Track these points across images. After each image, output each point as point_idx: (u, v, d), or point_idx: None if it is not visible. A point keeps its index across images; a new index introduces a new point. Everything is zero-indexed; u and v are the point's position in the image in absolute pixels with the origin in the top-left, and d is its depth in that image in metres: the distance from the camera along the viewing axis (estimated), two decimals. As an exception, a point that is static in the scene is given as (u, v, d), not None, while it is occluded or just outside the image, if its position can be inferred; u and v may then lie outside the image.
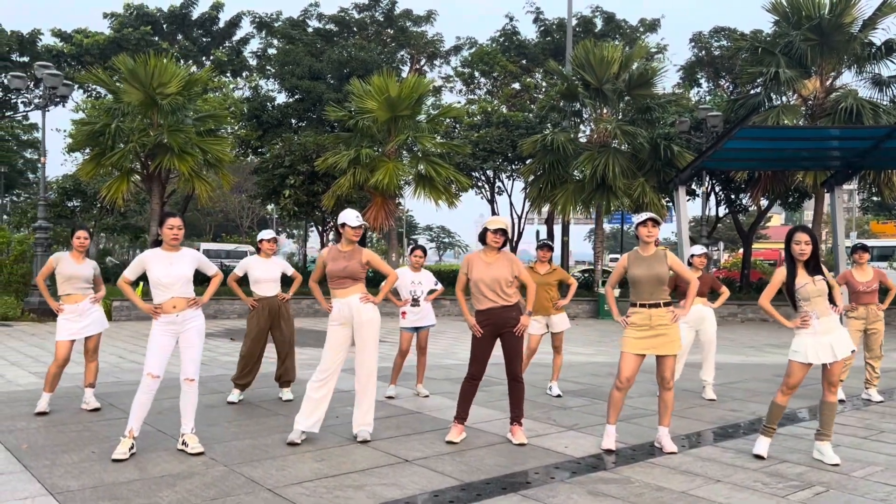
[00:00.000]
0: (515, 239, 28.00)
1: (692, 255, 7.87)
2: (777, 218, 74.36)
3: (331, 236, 26.70)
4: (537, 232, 36.27)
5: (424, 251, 7.75)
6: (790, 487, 4.73)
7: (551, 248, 7.79)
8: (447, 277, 21.14)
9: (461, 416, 5.83)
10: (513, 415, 5.81)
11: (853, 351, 5.33)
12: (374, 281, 17.82)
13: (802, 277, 5.29)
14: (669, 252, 5.67)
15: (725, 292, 7.91)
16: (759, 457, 5.35)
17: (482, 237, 5.88)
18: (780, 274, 5.41)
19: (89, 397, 6.71)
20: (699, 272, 7.80)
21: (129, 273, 5.42)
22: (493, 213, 28.53)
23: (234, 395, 7.21)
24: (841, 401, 7.75)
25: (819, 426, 5.39)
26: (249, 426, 6.21)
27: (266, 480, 4.70)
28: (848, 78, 20.34)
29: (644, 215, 5.57)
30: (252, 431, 6.02)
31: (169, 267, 5.30)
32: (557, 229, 26.96)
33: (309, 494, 4.45)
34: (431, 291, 7.73)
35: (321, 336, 9.67)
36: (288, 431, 5.98)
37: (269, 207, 37.27)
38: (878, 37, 19.42)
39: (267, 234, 7.32)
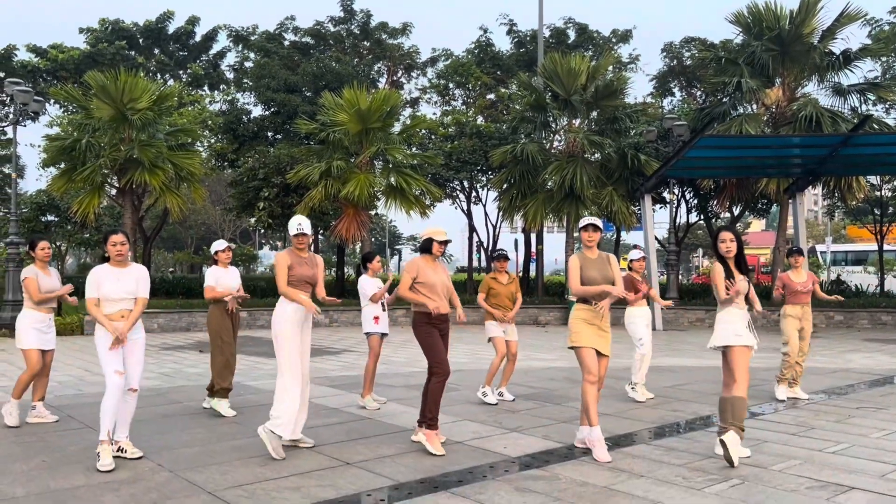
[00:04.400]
0: (490, 248, 28.29)
1: (631, 260, 8.22)
2: (757, 223, 75.17)
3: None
4: (515, 241, 36.62)
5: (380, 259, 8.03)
6: (708, 481, 4.98)
7: (507, 258, 8.09)
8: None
9: (436, 422, 5.86)
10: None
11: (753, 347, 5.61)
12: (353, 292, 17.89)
13: (736, 274, 5.63)
14: (612, 256, 5.98)
15: (641, 292, 8.17)
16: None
17: (428, 247, 6.11)
18: (720, 268, 5.69)
19: (42, 411, 6.84)
20: (639, 275, 8.15)
21: (92, 293, 5.49)
22: (471, 224, 28.85)
23: (225, 405, 7.23)
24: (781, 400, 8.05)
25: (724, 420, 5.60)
26: (200, 434, 6.39)
27: (207, 484, 4.89)
28: (811, 87, 20.82)
29: (585, 220, 5.83)
30: (202, 439, 6.19)
31: (117, 282, 5.49)
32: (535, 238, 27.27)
33: (248, 496, 4.64)
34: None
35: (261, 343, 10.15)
36: (238, 438, 6.19)
37: (252, 220, 37.54)
38: (837, 46, 19.93)
39: (220, 244, 7.45)
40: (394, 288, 7.28)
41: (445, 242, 6.09)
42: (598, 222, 5.84)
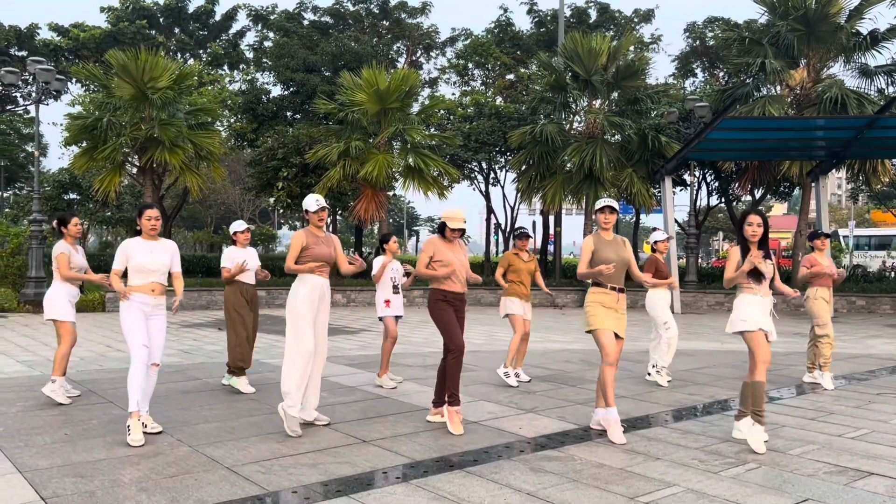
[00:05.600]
0: (508, 230, 28.22)
1: (656, 241, 8.10)
2: (778, 207, 74.30)
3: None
4: (533, 223, 36.54)
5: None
6: (725, 464, 4.95)
7: (529, 237, 8.06)
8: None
9: (457, 398, 5.87)
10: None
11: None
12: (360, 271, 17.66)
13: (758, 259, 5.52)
14: (626, 239, 5.95)
15: (669, 279, 8.09)
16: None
17: (441, 230, 6.10)
18: (737, 252, 5.59)
19: (65, 385, 6.93)
20: (663, 256, 8.06)
21: (119, 265, 5.63)
22: (489, 205, 28.78)
23: (244, 382, 7.30)
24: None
25: (743, 405, 5.57)
26: (219, 410, 6.46)
27: (226, 459, 4.94)
28: (837, 68, 20.43)
29: (602, 202, 5.79)
30: (221, 415, 6.27)
31: (151, 254, 5.64)
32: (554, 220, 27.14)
33: (265, 472, 4.69)
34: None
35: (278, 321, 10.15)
36: (256, 415, 6.26)
37: (271, 200, 37.70)
38: (864, 27, 19.54)
39: (240, 225, 7.51)
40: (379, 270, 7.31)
41: (459, 231, 6.02)
42: (615, 204, 5.79)
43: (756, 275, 5.46)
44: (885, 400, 7.22)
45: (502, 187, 28.54)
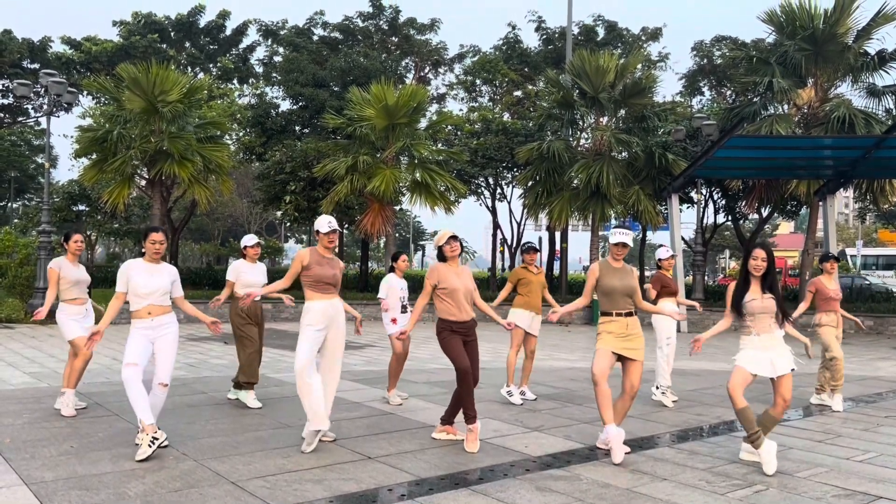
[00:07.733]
0: (515, 245, 28.23)
1: (660, 259, 8.10)
2: (785, 226, 74.10)
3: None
4: (539, 238, 36.52)
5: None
6: (732, 486, 4.92)
7: (537, 250, 8.09)
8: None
9: (474, 415, 5.86)
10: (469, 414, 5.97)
11: (793, 369, 5.50)
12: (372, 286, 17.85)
13: (753, 293, 5.50)
14: (634, 269, 5.98)
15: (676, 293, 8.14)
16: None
17: (441, 255, 6.11)
18: (732, 287, 5.65)
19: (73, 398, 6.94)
20: (669, 273, 8.05)
21: (122, 287, 5.60)
22: (495, 221, 28.81)
23: (251, 397, 7.30)
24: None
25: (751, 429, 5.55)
26: (225, 424, 6.46)
27: (231, 474, 4.94)
28: (845, 88, 20.51)
29: (618, 237, 5.77)
30: (226, 429, 6.26)
31: (149, 278, 5.57)
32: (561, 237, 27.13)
33: (270, 487, 4.69)
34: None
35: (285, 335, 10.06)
36: (261, 429, 6.25)
37: (278, 213, 37.71)
38: (872, 47, 19.57)
39: (250, 239, 7.51)
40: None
41: (451, 238, 6.02)
42: (630, 240, 5.82)
43: (739, 311, 5.54)
44: (893, 423, 7.16)
45: (509, 203, 28.61)
